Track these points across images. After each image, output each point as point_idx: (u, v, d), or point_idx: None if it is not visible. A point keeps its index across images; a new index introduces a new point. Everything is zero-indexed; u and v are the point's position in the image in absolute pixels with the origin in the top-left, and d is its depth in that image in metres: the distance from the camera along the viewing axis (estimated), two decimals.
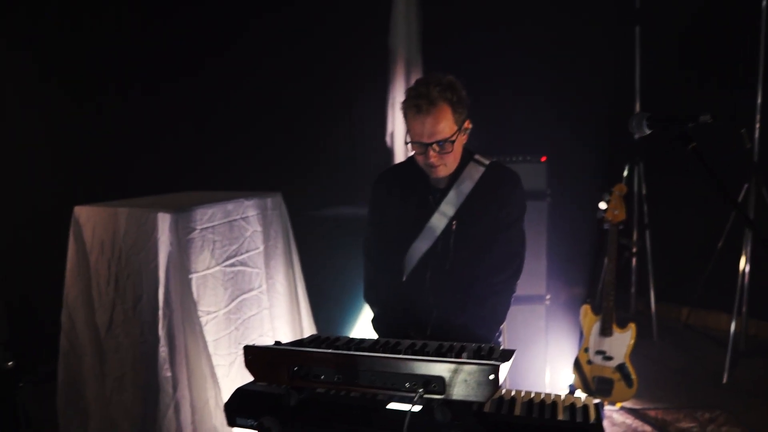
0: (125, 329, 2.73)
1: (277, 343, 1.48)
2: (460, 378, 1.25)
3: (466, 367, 1.24)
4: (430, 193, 2.24)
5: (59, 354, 2.90)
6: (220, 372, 2.72)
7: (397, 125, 5.71)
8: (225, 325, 2.75)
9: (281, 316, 3.10)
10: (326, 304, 3.37)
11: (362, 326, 3.45)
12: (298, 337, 3.16)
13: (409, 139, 2.06)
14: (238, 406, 1.66)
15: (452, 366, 1.25)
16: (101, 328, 2.83)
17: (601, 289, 3.79)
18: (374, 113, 5.47)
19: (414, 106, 1.99)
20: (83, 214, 2.83)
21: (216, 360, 2.70)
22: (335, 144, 5.25)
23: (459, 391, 1.27)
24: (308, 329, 3.19)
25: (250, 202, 2.90)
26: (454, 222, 2.19)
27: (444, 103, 1.98)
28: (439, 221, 2.22)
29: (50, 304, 2.88)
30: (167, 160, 3.84)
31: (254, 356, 1.38)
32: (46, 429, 2.95)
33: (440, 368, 1.27)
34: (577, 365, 3.60)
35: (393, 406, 1.45)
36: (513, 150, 3.33)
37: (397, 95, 5.67)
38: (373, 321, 2.29)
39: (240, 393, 1.68)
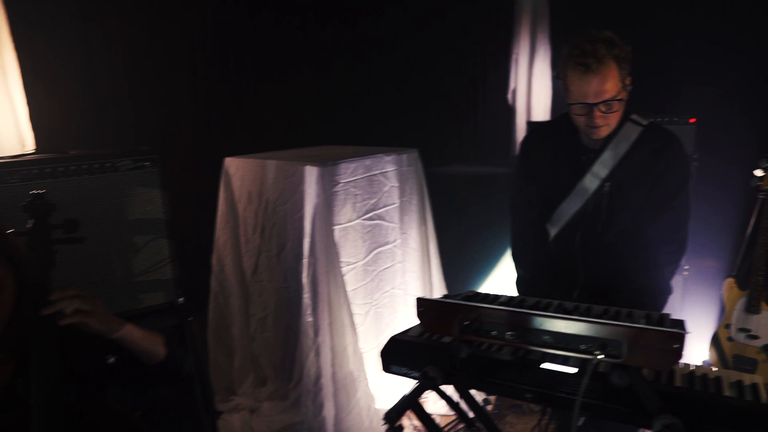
0: (269, 274, 2.90)
1: (446, 296, 1.51)
2: (641, 344, 1.22)
3: (649, 334, 1.21)
4: (582, 152, 2.16)
5: (210, 294, 3.14)
6: (355, 321, 2.84)
7: (519, 83, 5.55)
8: (362, 276, 2.85)
9: (413, 271, 3.16)
10: (456, 260, 3.39)
11: (491, 285, 3.46)
12: (428, 292, 3.22)
13: (572, 101, 1.99)
14: (393, 355, 1.73)
15: (634, 331, 1.22)
16: (247, 272, 3.03)
17: (749, 262, 3.54)
18: (497, 71, 5.34)
19: (580, 65, 1.90)
20: (233, 165, 3.01)
21: (352, 309, 2.80)
22: (459, 102, 5.19)
23: (637, 358, 1.24)
24: (438, 285, 3.24)
25: (388, 157, 2.95)
26: (607, 184, 2.11)
27: (611, 60, 1.89)
28: (590, 182, 2.15)
29: (204, 249, 3.10)
30: (304, 115, 3.97)
31: (426, 308, 1.42)
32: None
33: (619, 332, 1.24)
34: (715, 341, 3.41)
35: (547, 366, 1.44)
36: (659, 110, 3.15)
37: (521, 52, 5.51)
38: (518, 280, 2.28)
39: (395, 342, 1.74)
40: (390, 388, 3.06)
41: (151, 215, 2.16)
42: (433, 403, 3.22)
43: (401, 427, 1.65)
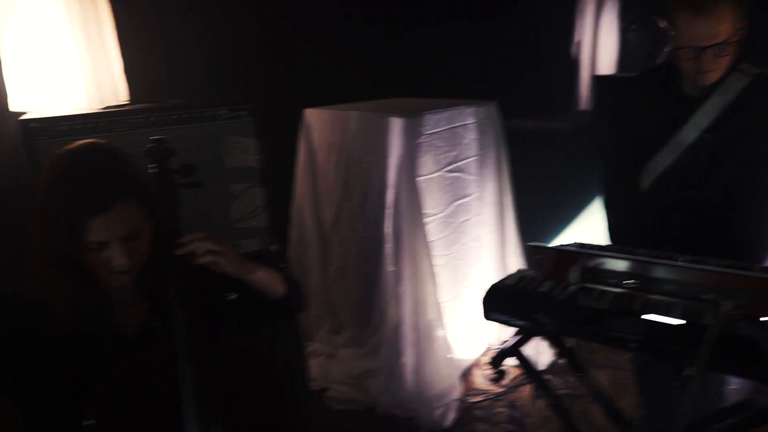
0: (350, 225, 2.96)
1: (556, 246, 1.52)
2: None
3: None
4: (682, 102, 2.10)
5: (288, 243, 3.22)
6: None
7: (584, 35, 5.37)
8: (442, 228, 2.88)
9: (488, 224, 3.17)
10: (531, 215, 3.37)
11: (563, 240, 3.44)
12: (502, 246, 3.23)
13: (679, 44, 1.92)
14: (494, 302, 1.75)
15: (764, 282, 1.21)
16: (326, 223, 3.09)
17: None
18: (561, 23, 5.16)
19: (692, 6, 1.83)
20: (313, 116, 3.04)
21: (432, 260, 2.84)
22: (521, 55, 5.04)
23: (765, 309, 1.23)
24: (512, 239, 3.23)
25: (469, 109, 2.93)
26: (707, 135, 2.05)
27: (727, 1, 1.81)
28: (689, 133, 2.09)
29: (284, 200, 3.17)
30: (380, 66, 3.94)
31: (543, 255, 1.43)
32: None
33: (749, 282, 1.23)
34: None
35: (652, 317, 1.43)
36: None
37: (588, 3, 5.30)
38: (610, 230, 2.26)
39: (496, 290, 1.76)
40: (463, 339, 3.12)
41: (246, 164, 2.22)
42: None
43: (504, 372, 1.69)
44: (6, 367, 1.24)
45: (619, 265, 1.34)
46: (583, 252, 1.38)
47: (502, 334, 3.35)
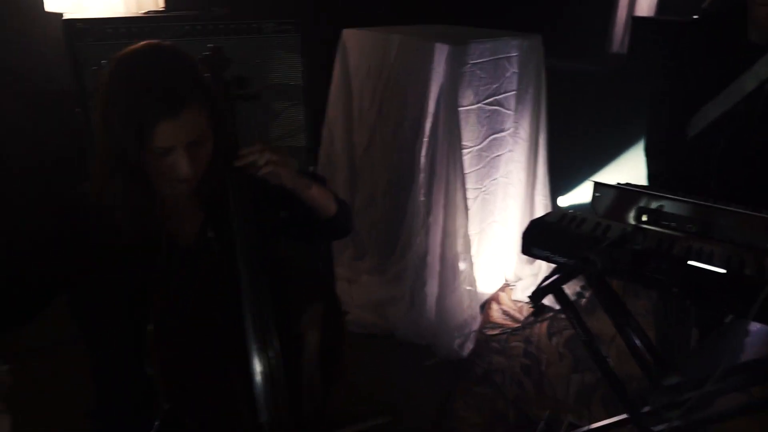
0: (382, 151, 2.92)
1: (619, 184, 1.50)
2: None
3: None
4: (746, 48, 2.03)
5: (317, 165, 3.20)
6: None
7: None
8: (476, 161, 2.85)
9: (519, 161, 3.13)
10: (564, 155, 3.33)
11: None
12: (531, 185, 3.21)
13: None
14: (535, 237, 1.75)
15: None
16: (358, 148, 3.06)
17: None
18: None
19: None
20: (351, 37, 2.95)
21: None
22: None
23: None
24: (542, 178, 3.21)
25: (514, 42, 2.84)
26: None
27: None
28: (749, 82, 2.03)
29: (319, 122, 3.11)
30: None
31: (603, 193, 1.41)
32: None
33: None
34: None
35: (695, 263, 1.43)
36: None
37: None
38: (649, 177, 2.24)
39: (537, 225, 1.76)
40: (484, 273, 3.15)
41: (291, 81, 2.17)
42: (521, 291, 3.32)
43: (543, 306, 1.71)
44: (66, 264, 1.25)
45: (681, 208, 1.33)
46: (647, 192, 1.36)
47: (519, 270, 3.39)
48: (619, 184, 1.47)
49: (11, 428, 1.04)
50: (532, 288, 1.70)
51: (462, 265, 2.80)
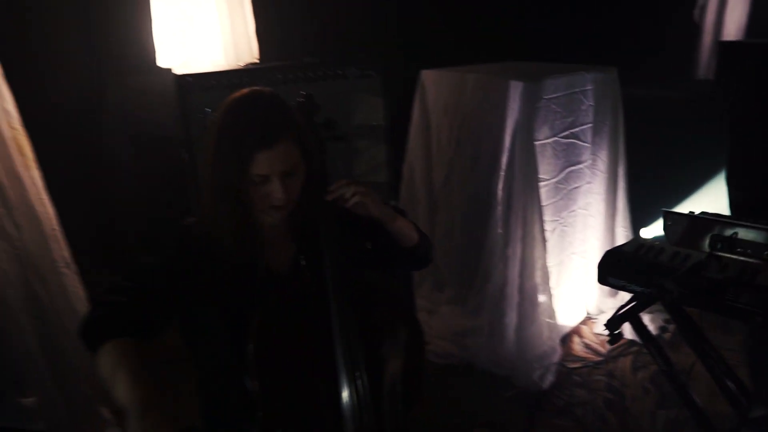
0: (461, 185, 3.02)
1: (691, 213, 1.53)
2: None
3: None
4: None
5: (398, 200, 3.33)
6: None
7: None
8: (553, 193, 2.89)
9: (598, 193, 3.14)
10: (649, 185, 3.30)
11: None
12: (611, 216, 3.20)
13: None
14: (611, 267, 1.78)
15: None
16: (436, 182, 3.17)
17: None
18: None
19: None
20: (429, 77, 3.09)
21: None
22: (638, 20, 4.81)
23: None
24: (622, 209, 3.19)
25: (588, 75, 2.89)
26: None
27: None
28: None
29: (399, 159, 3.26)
30: (496, 29, 3.92)
31: (675, 222, 1.45)
32: None
33: None
34: None
35: None
36: None
37: None
38: (731, 205, 2.22)
39: (613, 255, 1.79)
40: (565, 306, 3.14)
41: (373, 121, 2.33)
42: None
43: (621, 334, 1.72)
44: (180, 289, 1.42)
45: (756, 236, 1.34)
46: (719, 220, 1.38)
47: (601, 304, 3.35)
48: (691, 213, 1.50)
49: None
50: None
51: (541, 297, 2.82)
